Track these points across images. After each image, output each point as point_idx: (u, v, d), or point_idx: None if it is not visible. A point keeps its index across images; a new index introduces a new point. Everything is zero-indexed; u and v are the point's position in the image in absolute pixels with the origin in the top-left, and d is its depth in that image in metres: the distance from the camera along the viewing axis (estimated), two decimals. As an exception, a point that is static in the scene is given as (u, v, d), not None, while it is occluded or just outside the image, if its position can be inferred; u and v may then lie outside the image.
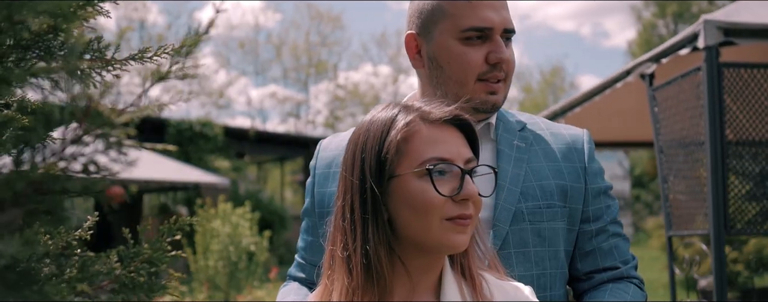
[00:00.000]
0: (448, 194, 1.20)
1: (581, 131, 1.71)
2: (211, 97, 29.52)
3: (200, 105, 29.78)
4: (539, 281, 1.52)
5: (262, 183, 19.78)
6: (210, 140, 16.73)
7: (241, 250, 7.59)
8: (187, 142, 16.44)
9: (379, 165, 1.23)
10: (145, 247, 0.92)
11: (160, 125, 16.84)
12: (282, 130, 28.95)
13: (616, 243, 1.63)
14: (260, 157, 19.75)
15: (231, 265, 7.53)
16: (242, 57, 34.89)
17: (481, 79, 1.56)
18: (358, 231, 1.23)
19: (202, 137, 16.65)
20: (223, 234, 7.53)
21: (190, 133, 16.52)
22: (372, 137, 1.26)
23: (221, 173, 15.81)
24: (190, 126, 16.61)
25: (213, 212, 7.90)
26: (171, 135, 16.30)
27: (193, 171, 11.09)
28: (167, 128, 16.40)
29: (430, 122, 1.26)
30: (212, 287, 7.34)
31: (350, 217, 1.24)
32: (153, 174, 10.18)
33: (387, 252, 1.22)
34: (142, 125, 7.94)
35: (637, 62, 3.78)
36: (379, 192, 1.22)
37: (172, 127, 16.45)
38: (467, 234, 1.24)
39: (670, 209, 3.48)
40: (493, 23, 1.54)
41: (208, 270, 7.41)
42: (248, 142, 18.21)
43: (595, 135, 6.12)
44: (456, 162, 1.23)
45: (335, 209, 1.29)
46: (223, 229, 7.67)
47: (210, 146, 16.69)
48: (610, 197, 1.67)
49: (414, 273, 1.25)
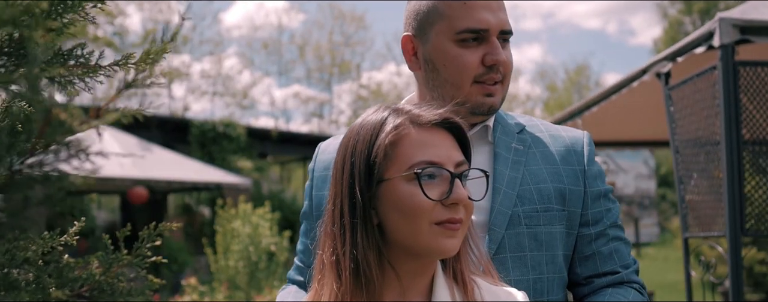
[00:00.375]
0: (437, 198, 1.19)
1: (581, 133, 1.69)
2: (235, 97, 29.72)
3: (224, 105, 30.01)
4: (536, 286, 1.50)
5: (284, 183, 19.87)
6: (233, 140, 16.85)
7: (261, 250, 7.64)
8: (211, 143, 16.57)
9: (368, 169, 1.22)
10: (124, 253, 0.92)
11: (184, 126, 17.00)
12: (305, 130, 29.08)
13: (616, 247, 1.61)
14: (283, 157, 19.84)
15: (251, 265, 7.58)
16: (266, 57, 35.11)
17: (478, 81, 1.55)
18: (347, 235, 1.22)
19: (225, 138, 16.77)
20: (244, 235, 7.58)
21: (213, 134, 16.65)
22: (361, 141, 1.25)
23: (244, 173, 15.92)
24: (213, 126, 16.74)
25: (233, 212, 7.96)
26: (194, 135, 16.44)
27: (215, 172, 11.17)
28: (191, 129, 16.55)
29: (420, 125, 1.25)
30: (232, 287, 7.39)
31: (340, 222, 1.24)
32: (176, 175, 10.27)
33: (376, 257, 1.21)
34: (165, 126, 8.23)
35: (653, 61, 3.73)
36: (369, 196, 1.21)
37: (196, 127, 16.59)
38: (458, 239, 1.23)
39: (687, 210, 3.42)
40: (489, 25, 1.53)
41: (229, 271, 7.47)
42: (271, 142, 18.30)
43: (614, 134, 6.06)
44: (445, 165, 1.22)
45: (325, 213, 1.29)
46: (244, 230, 7.72)
47: (233, 146, 16.80)
48: (610, 200, 1.64)
49: (404, 277, 1.24)
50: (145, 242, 0.95)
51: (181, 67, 28.79)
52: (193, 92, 29.14)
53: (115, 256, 0.91)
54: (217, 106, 30.84)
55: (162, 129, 16.66)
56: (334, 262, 1.23)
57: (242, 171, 16.08)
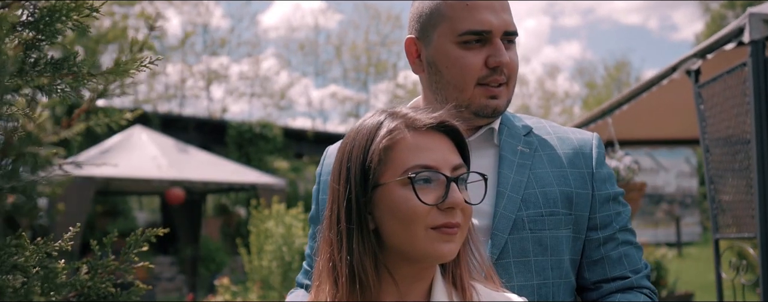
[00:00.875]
0: (432, 202, 1.18)
1: (590, 135, 1.66)
2: (272, 98, 29.99)
3: (262, 106, 30.31)
4: (540, 291, 1.48)
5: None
6: (269, 141, 17.00)
7: (294, 251, 7.68)
8: (247, 144, 16.75)
9: (363, 174, 1.22)
10: (110, 259, 0.93)
11: (222, 127, 17.22)
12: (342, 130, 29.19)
13: (626, 252, 1.57)
14: (319, 157, 19.97)
15: (284, 265, 7.63)
16: (303, 58, 35.31)
17: (481, 84, 1.53)
18: (344, 241, 1.22)
19: (261, 138, 16.93)
20: (277, 235, 7.63)
21: (250, 135, 16.83)
22: (357, 145, 1.25)
23: (280, 174, 16.05)
24: (250, 127, 16.92)
25: (267, 213, 8.02)
26: (231, 136, 16.64)
27: (250, 173, 11.28)
28: (228, 130, 16.75)
29: (415, 129, 1.24)
30: (265, 287, 7.45)
31: (336, 227, 1.24)
32: (212, 176, 10.41)
33: (372, 262, 1.21)
34: (203, 127, 8.36)
35: (683, 58, 3.65)
36: (365, 201, 1.21)
37: (233, 128, 16.79)
38: (455, 243, 1.21)
39: (717, 211, 3.33)
40: (491, 26, 1.51)
41: (262, 271, 7.54)
42: (307, 142, 18.42)
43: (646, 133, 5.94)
44: (441, 169, 1.20)
45: (324, 219, 1.29)
46: (277, 230, 7.77)
47: (269, 147, 16.96)
48: (620, 203, 1.61)
49: (402, 282, 1.24)
50: (133, 248, 0.96)
51: (219, 69, 29.16)
52: (232, 94, 29.48)
53: (102, 262, 0.92)
54: (254, 107, 31.11)
55: (200, 130, 16.90)
56: (331, 268, 1.23)
57: (278, 171, 16.22)
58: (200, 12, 28.95)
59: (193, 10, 28.68)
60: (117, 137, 10.89)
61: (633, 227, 1.63)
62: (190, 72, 28.65)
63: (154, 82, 27.56)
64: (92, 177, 8.89)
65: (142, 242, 0.97)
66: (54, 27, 1.00)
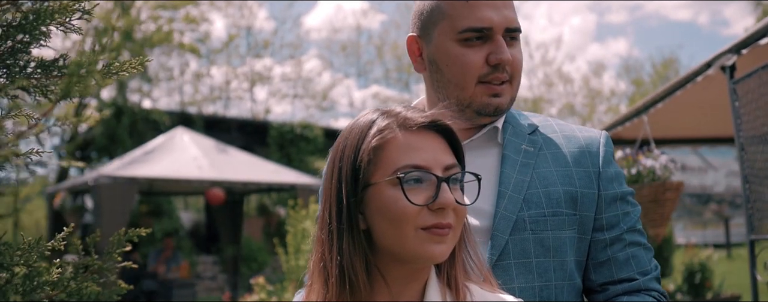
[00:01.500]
0: (421, 203, 1.17)
1: (598, 133, 1.61)
2: (314, 99, 30.20)
3: (304, 107, 30.54)
4: (542, 293, 1.45)
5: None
6: (310, 142, 17.13)
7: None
8: (289, 145, 16.90)
9: (354, 173, 1.21)
10: (94, 258, 0.95)
11: (263, 128, 17.42)
12: (384, 130, 29.14)
13: (633, 253, 1.53)
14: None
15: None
16: (345, 59, 35.48)
17: (483, 82, 1.50)
18: (334, 241, 1.21)
19: (302, 139, 17.07)
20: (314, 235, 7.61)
21: (291, 136, 16.98)
22: (349, 145, 1.24)
23: (320, 174, 16.16)
24: (291, 128, 17.07)
25: (304, 213, 8.08)
26: (273, 137, 16.81)
27: (290, 173, 11.38)
28: (269, 131, 16.93)
29: (407, 128, 1.22)
30: (300, 286, 7.47)
31: (328, 227, 1.23)
32: (252, 176, 10.53)
33: (363, 263, 1.20)
34: (245, 128, 8.50)
35: (718, 54, 3.54)
36: (355, 201, 1.20)
37: (274, 129, 16.96)
38: (447, 244, 1.19)
39: (753, 211, 3.22)
40: (492, 23, 1.48)
41: (299, 270, 7.58)
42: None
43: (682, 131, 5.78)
44: (433, 169, 1.19)
45: (318, 219, 1.28)
46: (314, 230, 7.76)
47: (310, 147, 17.08)
48: (628, 203, 1.56)
49: (394, 284, 1.22)
50: (115, 247, 0.97)
51: (262, 70, 29.49)
52: (275, 95, 29.78)
53: (84, 261, 0.93)
54: (297, 108, 31.40)
55: (242, 131, 17.12)
56: (322, 268, 1.23)
57: (319, 172, 16.33)
58: (244, 14, 29.33)
59: (237, 13, 29.08)
60: (160, 138, 11.11)
61: (642, 228, 1.59)
62: (234, 74, 29.04)
63: (198, 84, 28.03)
64: (135, 177, 9.09)
65: (125, 241, 0.98)
66: (39, 29, 1.02)
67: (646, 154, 4.26)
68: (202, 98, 28.48)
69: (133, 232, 1.00)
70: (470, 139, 1.56)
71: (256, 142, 17.25)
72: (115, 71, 1.11)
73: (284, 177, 10.82)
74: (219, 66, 29.35)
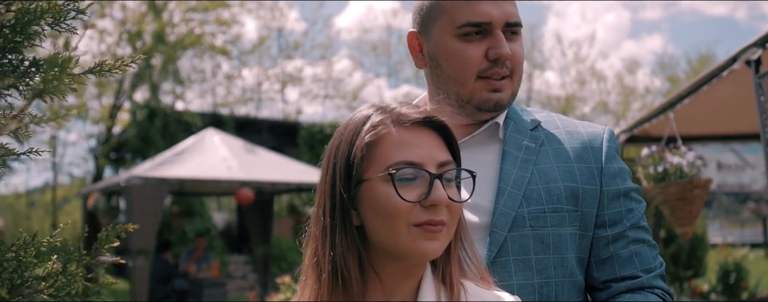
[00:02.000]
0: (414, 199, 1.16)
1: (602, 129, 1.59)
2: (345, 99, 30.31)
3: (335, 107, 30.67)
4: (542, 290, 1.43)
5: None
6: (341, 142, 17.21)
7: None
8: (319, 145, 16.99)
9: (347, 169, 1.21)
10: (85, 253, 0.96)
11: (294, 129, 17.53)
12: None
13: (637, 250, 1.50)
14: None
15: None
16: (375, 59, 35.54)
17: (483, 77, 1.49)
18: (328, 237, 1.21)
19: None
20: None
21: (321, 136, 17.06)
22: (344, 140, 1.24)
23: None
24: (321, 128, 17.15)
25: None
26: (303, 138, 16.91)
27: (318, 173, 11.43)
28: (299, 131, 17.03)
29: (401, 124, 1.22)
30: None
31: (321, 223, 1.24)
32: (281, 177, 10.61)
33: (356, 259, 1.19)
34: (276, 129, 8.57)
35: (743, 48, 3.46)
36: (349, 197, 1.20)
37: (304, 129, 17.06)
38: (439, 241, 1.19)
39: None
40: (491, 17, 1.47)
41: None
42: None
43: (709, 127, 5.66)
44: (426, 166, 1.18)
45: (312, 215, 1.29)
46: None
47: (342, 147, 17.16)
48: (632, 200, 1.54)
49: (387, 280, 1.22)
50: (104, 243, 0.98)
51: (294, 71, 29.69)
52: (306, 96, 29.96)
53: (74, 255, 0.95)
54: (328, 108, 31.51)
55: (273, 132, 17.26)
56: (315, 264, 1.23)
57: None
58: (275, 16, 29.55)
59: (268, 15, 29.32)
60: (190, 140, 11.25)
61: (647, 225, 1.56)
62: (266, 75, 29.30)
63: (230, 85, 28.33)
64: (165, 178, 9.22)
65: (113, 237, 1.00)
66: (29, 29, 1.04)
67: (672, 151, 4.18)
68: (234, 100, 28.77)
69: (121, 228, 1.01)
70: (471, 135, 1.54)
71: (287, 142, 17.38)
72: (107, 69, 1.12)
73: (313, 177, 10.87)
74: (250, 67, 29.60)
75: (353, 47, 38.55)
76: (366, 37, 39.32)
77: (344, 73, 31.86)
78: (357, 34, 42.93)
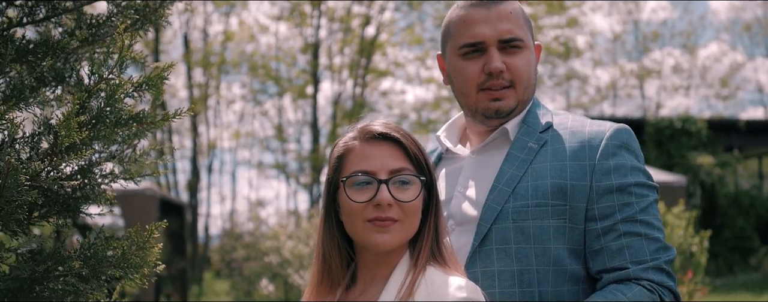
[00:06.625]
0: (363, 200, 1.47)
1: (607, 128, 1.64)
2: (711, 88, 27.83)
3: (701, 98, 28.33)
4: (522, 276, 1.56)
5: (755, 178, 17.71)
6: (693, 136, 16.00)
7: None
8: (668, 141, 16.05)
9: (330, 177, 1.58)
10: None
11: (639, 126, 16.88)
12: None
13: (629, 243, 1.54)
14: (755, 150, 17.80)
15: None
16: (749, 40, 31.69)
17: (484, 89, 1.69)
18: (320, 233, 1.59)
19: (683, 134, 16.04)
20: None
21: (669, 131, 16.10)
22: (331, 154, 1.61)
23: (704, 170, 15.03)
24: (670, 123, 16.19)
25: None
26: (649, 134, 16.15)
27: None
28: (645, 128, 16.33)
29: (365, 139, 1.53)
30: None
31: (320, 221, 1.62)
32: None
33: (336, 250, 1.53)
34: None
35: None
36: (332, 199, 1.56)
37: (650, 126, 16.29)
38: (390, 234, 1.46)
39: None
40: (484, 37, 1.67)
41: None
42: (737, 133, 16.75)
43: None
44: (377, 174, 1.48)
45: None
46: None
47: (693, 142, 15.96)
48: (631, 194, 1.57)
49: (367, 266, 1.52)
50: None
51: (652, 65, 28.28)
52: (665, 89, 28.25)
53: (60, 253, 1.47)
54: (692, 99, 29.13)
55: (616, 130, 16.82)
56: (317, 253, 1.61)
57: (702, 168, 15.17)
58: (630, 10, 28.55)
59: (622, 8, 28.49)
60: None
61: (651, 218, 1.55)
62: (622, 72, 28.45)
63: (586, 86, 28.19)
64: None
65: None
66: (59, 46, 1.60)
67: None
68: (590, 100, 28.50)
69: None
70: (484, 142, 1.74)
71: (632, 140, 16.79)
72: (144, 81, 1.63)
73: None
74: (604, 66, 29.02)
75: (721, 30, 34.96)
76: (739, 17, 35.29)
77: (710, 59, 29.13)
78: (726, 14, 38.87)
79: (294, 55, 23.32)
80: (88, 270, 1.44)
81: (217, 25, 27.42)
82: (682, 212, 7.81)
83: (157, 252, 1.58)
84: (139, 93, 1.61)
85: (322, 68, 22.71)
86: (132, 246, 1.46)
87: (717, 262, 15.09)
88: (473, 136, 1.80)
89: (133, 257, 1.48)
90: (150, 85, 1.63)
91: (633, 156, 1.62)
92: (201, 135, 23.59)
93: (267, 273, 10.75)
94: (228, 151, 30.07)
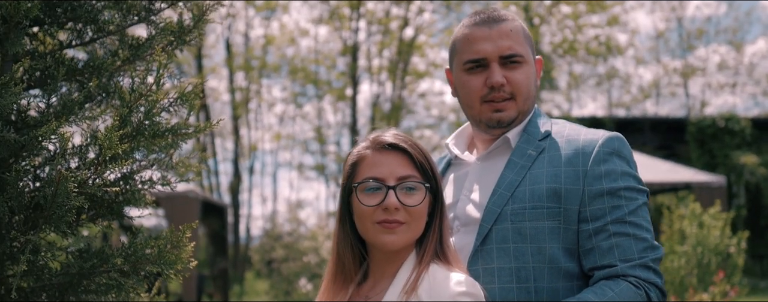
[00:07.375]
0: (373, 204, 1.63)
1: (600, 136, 1.77)
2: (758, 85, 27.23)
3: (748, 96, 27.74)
4: (520, 273, 1.71)
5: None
6: (736, 135, 15.76)
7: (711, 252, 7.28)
8: (710, 140, 15.84)
9: (346, 182, 1.74)
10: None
11: (680, 125, 16.69)
12: None
13: (618, 242, 1.66)
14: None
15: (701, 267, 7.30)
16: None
17: (486, 101, 1.84)
18: (335, 234, 1.76)
19: (727, 133, 15.81)
20: (691, 236, 7.36)
21: (712, 130, 15.89)
22: (346, 162, 1.77)
23: (748, 170, 14.79)
24: (712, 122, 15.97)
25: (679, 213, 7.76)
26: (691, 133, 15.96)
27: (685, 171, 10.87)
28: (687, 127, 16.14)
29: (376, 149, 1.69)
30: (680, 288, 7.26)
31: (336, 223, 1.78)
32: (646, 177, 10.43)
33: (349, 249, 1.70)
34: (658, 127, 9.03)
35: None
36: (346, 203, 1.72)
37: (692, 125, 16.09)
38: (397, 235, 1.62)
39: None
40: (485, 53, 1.82)
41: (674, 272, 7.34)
42: (784, 131, 16.45)
43: None
44: (386, 180, 1.64)
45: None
46: (691, 230, 7.48)
47: (736, 141, 15.72)
48: (621, 198, 1.69)
49: (378, 264, 1.69)
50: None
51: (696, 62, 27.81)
52: (710, 87, 27.75)
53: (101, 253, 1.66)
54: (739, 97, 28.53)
55: (656, 130, 16.67)
56: (333, 253, 1.78)
57: (746, 167, 14.93)
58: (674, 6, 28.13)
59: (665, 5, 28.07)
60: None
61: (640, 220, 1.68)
62: (665, 70, 28.04)
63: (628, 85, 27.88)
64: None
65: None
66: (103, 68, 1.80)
67: None
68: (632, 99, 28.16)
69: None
70: (488, 149, 1.88)
71: (674, 140, 16.61)
72: (179, 97, 1.82)
73: (678, 176, 10.43)
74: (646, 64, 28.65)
75: None
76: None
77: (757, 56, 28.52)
78: None
79: (333, 57, 23.65)
80: (129, 267, 1.63)
81: (258, 29, 27.96)
82: (719, 212, 7.79)
83: (191, 249, 1.77)
84: (175, 108, 1.80)
85: (361, 70, 22.96)
86: (167, 245, 1.64)
87: (762, 264, 14.83)
88: (479, 143, 1.94)
89: (168, 254, 1.66)
90: (184, 101, 1.81)
91: (624, 162, 1.74)
92: (242, 137, 24.06)
93: (305, 273, 10.99)
94: (269, 153, 30.62)
